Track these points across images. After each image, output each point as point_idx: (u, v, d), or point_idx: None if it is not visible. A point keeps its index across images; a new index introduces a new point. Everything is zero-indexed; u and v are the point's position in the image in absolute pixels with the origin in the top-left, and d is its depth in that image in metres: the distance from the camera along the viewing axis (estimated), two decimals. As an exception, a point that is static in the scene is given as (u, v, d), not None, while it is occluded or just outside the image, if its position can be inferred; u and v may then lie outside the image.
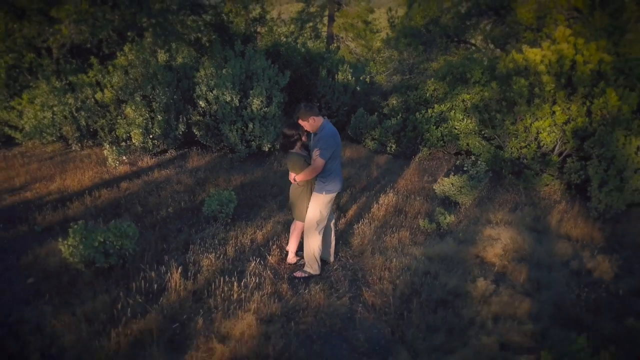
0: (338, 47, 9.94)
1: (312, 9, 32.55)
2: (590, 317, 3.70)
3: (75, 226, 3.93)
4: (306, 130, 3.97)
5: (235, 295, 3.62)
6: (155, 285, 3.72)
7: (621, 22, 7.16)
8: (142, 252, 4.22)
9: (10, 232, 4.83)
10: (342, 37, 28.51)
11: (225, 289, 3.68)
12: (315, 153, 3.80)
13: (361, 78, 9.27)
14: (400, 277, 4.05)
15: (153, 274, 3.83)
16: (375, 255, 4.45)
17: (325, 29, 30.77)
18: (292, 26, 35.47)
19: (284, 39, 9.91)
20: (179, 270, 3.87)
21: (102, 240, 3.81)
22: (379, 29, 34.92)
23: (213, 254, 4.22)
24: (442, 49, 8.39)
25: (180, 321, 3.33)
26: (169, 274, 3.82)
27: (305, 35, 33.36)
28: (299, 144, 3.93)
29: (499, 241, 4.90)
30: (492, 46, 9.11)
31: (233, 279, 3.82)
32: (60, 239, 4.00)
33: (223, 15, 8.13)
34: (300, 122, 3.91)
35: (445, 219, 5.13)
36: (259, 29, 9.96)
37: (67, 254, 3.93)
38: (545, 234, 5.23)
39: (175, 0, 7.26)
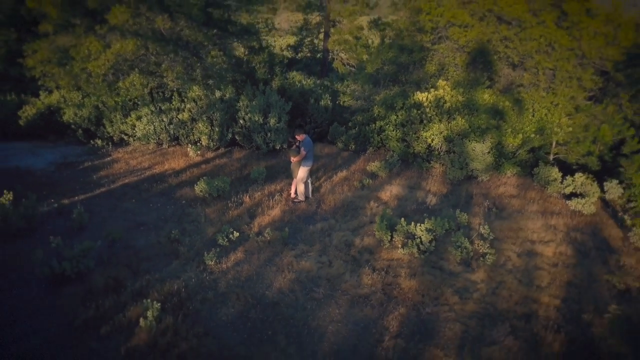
0: (324, 84, 15.56)
1: (310, 26, 37.96)
2: (410, 214, 9.48)
3: (202, 179, 9.76)
4: (298, 140, 9.74)
5: (271, 204, 9.46)
6: (239, 201, 9.56)
7: (478, 76, 12.92)
8: (229, 191, 10.04)
9: (159, 187, 10.64)
10: (336, 51, 34.11)
11: (267, 202, 9.52)
12: (302, 149, 9.57)
13: (337, 102, 15.07)
14: (338, 201, 9.87)
15: (237, 197, 9.68)
16: (329, 195, 10.28)
17: (321, 43, 36.33)
18: (294, 38, 41.44)
19: (285, 56, 15.55)
20: (247, 196, 9.71)
21: (216, 184, 9.65)
22: (368, 44, 40.51)
23: (259, 192, 10.06)
24: (384, 86, 14.11)
25: (252, 210, 9.17)
26: (242, 197, 9.66)
27: (305, 48, 38.84)
28: (294, 145, 9.71)
29: (391, 191, 10.70)
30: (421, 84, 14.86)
31: (269, 199, 9.66)
32: (194, 185, 9.84)
33: (251, 66, 13.84)
34: (295, 135, 9.69)
35: (366, 181, 10.95)
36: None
37: (198, 191, 9.75)
38: (417, 189, 11.03)
39: (226, 61, 13.02)
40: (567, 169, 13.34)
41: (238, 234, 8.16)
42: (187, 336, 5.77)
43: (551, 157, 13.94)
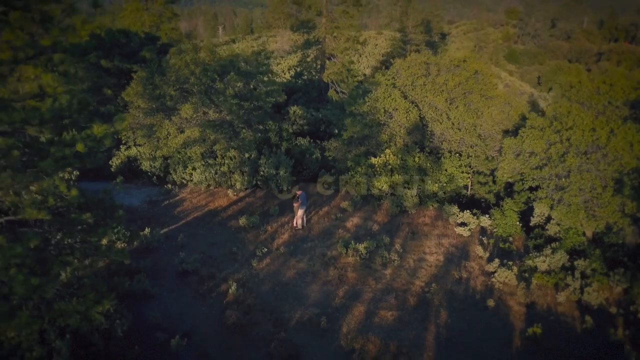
0: (316, 142, 23.41)
1: (308, 60, 45.43)
2: (361, 236, 17.39)
3: (244, 216, 17.71)
4: (297, 194, 17.67)
5: (283, 231, 17.40)
6: (265, 229, 17.53)
7: (412, 146, 20.76)
8: (259, 223, 17.97)
9: (217, 219, 18.56)
10: (330, 81, 41.64)
11: (280, 230, 17.47)
12: (300, 200, 17.51)
13: (325, 154, 22.92)
14: (321, 228, 17.81)
15: (264, 227, 17.65)
16: (316, 225, 18.21)
17: (319, 72, 43.83)
18: (295, 69, 50.25)
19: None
20: (269, 226, 17.67)
21: (252, 219, 17.58)
22: (358, 74, 48.61)
23: (276, 223, 18.02)
24: (354, 146, 21.91)
25: (272, 235, 17.14)
26: (267, 227, 17.63)
27: (304, 76, 47.00)
28: (296, 197, 17.64)
29: (353, 221, 18.61)
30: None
31: (282, 228, 17.62)
32: (239, 219, 17.80)
33: (267, 135, 21.67)
34: (296, 192, 17.64)
35: (339, 215, 18.87)
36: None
37: (241, 223, 17.71)
38: (369, 220, 18.93)
39: (252, 134, 20.89)
40: (478, 203, 21.34)
41: (266, 249, 16.11)
42: (250, 297, 13.69)
43: (469, 193, 21.96)
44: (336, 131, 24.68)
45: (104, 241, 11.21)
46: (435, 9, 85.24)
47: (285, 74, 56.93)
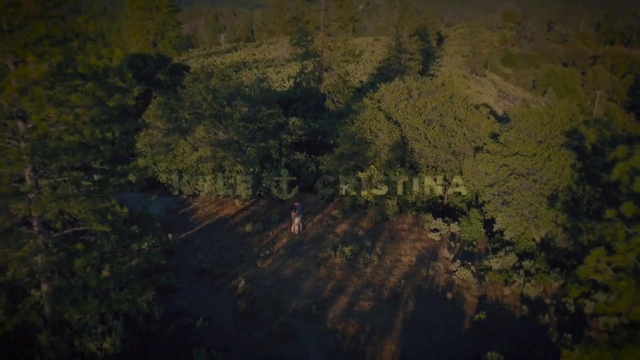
0: (312, 156, 27.10)
1: (307, 71, 48.79)
2: (348, 241, 21.04)
3: (249, 223, 21.34)
4: (295, 205, 21.33)
5: (282, 236, 21.06)
6: (267, 235, 21.20)
7: (393, 162, 24.33)
8: (262, 229, 21.63)
9: (226, 226, 22.21)
10: (327, 91, 45.08)
11: (280, 235, 21.13)
12: (296, 210, 21.16)
13: (319, 167, 26.54)
14: (314, 234, 21.45)
15: (266, 232, 21.32)
16: (310, 231, 21.85)
17: (315, 85, 47.34)
18: (291, 80, 54.98)
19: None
20: (270, 232, 21.33)
21: (256, 226, 21.22)
22: (354, 84, 52.31)
23: (276, 229, 21.67)
24: (345, 161, 25.55)
25: (273, 239, 20.80)
26: (268, 233, 21.28)
27: (303, 86, 50.98)
28: (293, 207, 21.29)
29: (341, 228, 22.25)
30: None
31: (281, 233, 21.27)
32: (245, 226, 21.45)
33: (269, 152, 25.24)
34: (294, 203, 21.29)
35: (330, 222, 22.51)
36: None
37: (247, 229, 21.36)
38: (355, 226, 22.58)
39: (256, 151, 24.54)
40: (452, 211, 24.96)
41: (268, 251, 19.76)
42: (256, 290, 17.33)
43: (445, 202, 25.59)
44: (331, 141, 28.42)
45: (144, 246, 14.86)
46: (432, 15, 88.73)
47: (285, 83, 60.57)
